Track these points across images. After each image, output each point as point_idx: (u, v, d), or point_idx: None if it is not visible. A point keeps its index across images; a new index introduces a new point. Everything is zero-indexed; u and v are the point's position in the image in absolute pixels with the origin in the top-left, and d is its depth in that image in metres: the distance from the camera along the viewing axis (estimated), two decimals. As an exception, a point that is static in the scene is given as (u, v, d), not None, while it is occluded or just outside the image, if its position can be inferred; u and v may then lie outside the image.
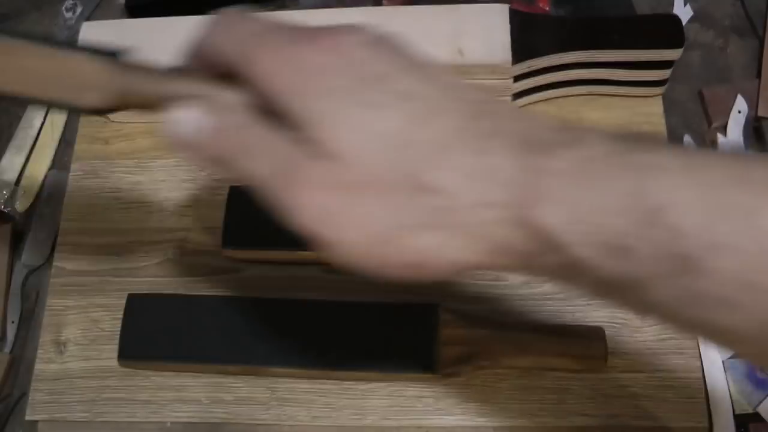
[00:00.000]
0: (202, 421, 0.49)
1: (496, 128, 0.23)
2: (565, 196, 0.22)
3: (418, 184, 0.23)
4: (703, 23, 0.60)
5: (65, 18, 0.65)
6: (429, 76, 0.25)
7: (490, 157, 0.23)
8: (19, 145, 0.60)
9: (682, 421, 0.46)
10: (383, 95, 0.24)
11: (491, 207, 0.23)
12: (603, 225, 0.21)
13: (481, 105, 0.24)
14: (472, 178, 0.23)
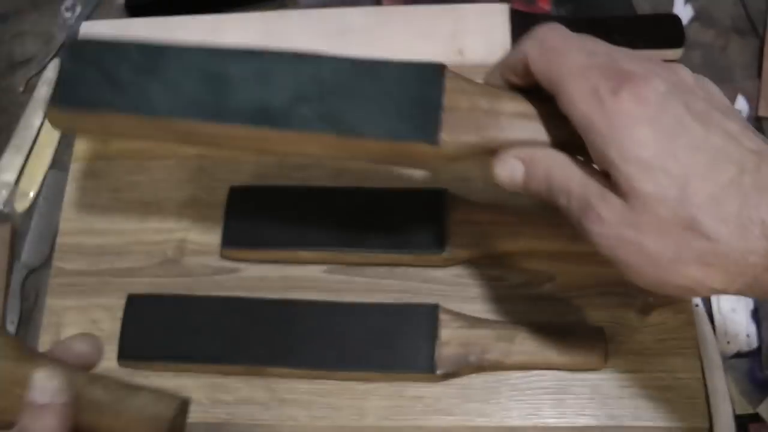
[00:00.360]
0: (202, 421, 0.49)
1: (763, 183, 0.28)
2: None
3: (696, 230, 0.29)
4: (704, 23, 0.60)
5: (65, 18, 0.65)
6: (718, 125, 0.30)
7: (756, 211, 0.28)
8: (18, 145, 0.60)
9: (682, 421, 0.46)
10: (680, 149, 0.29)
11: (753, 254, 0.28)
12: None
13: (756, 157, 0.29)
14: (740, 229, 0.28)
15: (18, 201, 0.58)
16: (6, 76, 0.64)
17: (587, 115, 0.31)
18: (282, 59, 0.38)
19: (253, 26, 0.53)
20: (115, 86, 0.38)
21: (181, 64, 0.38)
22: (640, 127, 0.29)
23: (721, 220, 0.28)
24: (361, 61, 0.38)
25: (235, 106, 0.37)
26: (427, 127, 0.36)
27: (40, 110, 0.61)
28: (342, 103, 0.37)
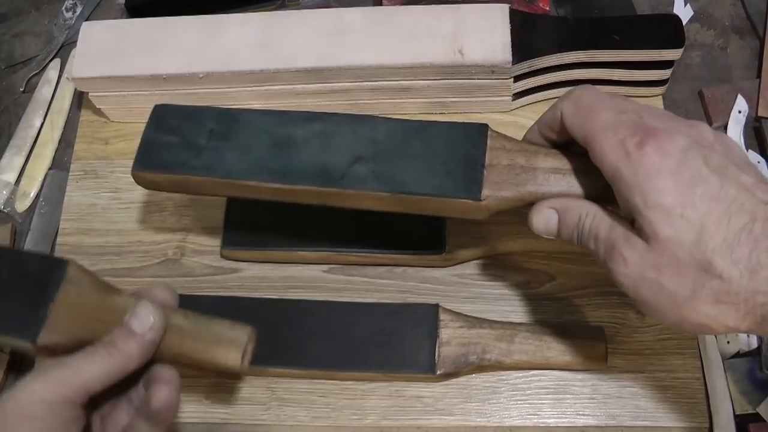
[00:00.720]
0: (201, 421, 0.49)
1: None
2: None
3: (711, 271, 0.32)
4: (704, 23, 0.60)
5: (65, 18, 0.65)
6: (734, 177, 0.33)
7: (765, 255, 0.31)
8: (19, 145, 0.60)
9: (682, 421, 0.46)
10: (698, 198, 0.32)
11: (761, 294, 0.31)
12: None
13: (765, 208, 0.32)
14: (750, 271, 0.31)
15: (18, 201, 0.58)
16: (6, 76, 0.64)
17: (615, 165, 0.34)
18: (341, 122, 0.42)
19: (253, 26, 0.53)
20: (192, 150, 0.43)
21: (251, 129, 0.43)
22: (662, 177, 0.33)
23: (733, 263, 0.31)
24: (411, 123, 0.42)
25: (299, 168, 0.41)
26: (471, 185, 0.39)
27: (40, 110, 0.61)
28: (394, 162, 0.40)
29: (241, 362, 0.39)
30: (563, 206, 0.38)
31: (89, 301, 0.38)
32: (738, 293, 0.31)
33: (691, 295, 0.32)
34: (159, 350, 0.38)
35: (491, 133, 0.41)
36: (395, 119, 0.42)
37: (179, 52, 0.52)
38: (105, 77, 0.53)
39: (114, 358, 0.36)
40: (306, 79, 0.53)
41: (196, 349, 0.39)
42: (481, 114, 0.56)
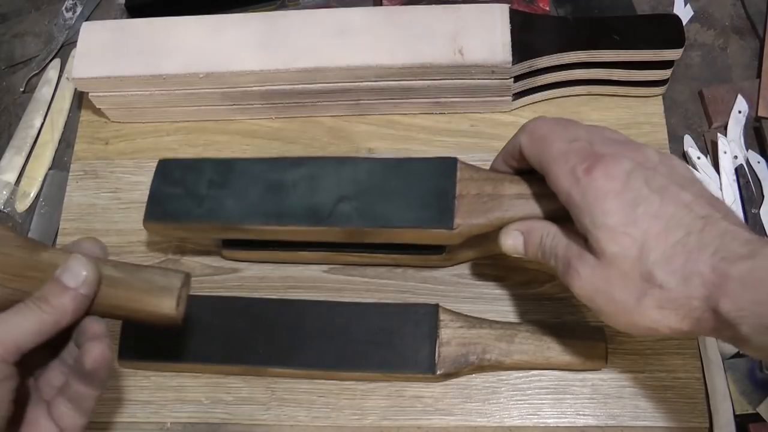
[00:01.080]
0: (202, 421, 0.49)
1: (705, 243, 0.35)
2: (738, 296, 0.33)
3: (652, 281, 0.35)
4: (704, 23, 0.60)
5: (65, 18, 0.65)
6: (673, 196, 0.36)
7: (698, 265, 0.34)
8: (19, 145, 0.60)
9: (682, 421, 0.46)
10: (639, 217, 0.36)
11: (696, 299, 0.34)
12: (757, 313, 0.32)
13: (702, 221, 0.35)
14: (686, 280, 0.34)
15: (18, 201, 0.58)
16: (6, 76, 0.64)
17: (567, 190, 0.38)
18: (325, 164, 0.47)
19: (253, 26, 0.53)
20: (195, 200, 0.46)
21: (246, 177, 0.47)
22: (608, 199, 0.36)
23: (671, 273, 0.35)
24: (388, 161, 0.46)
25: (290, 210, 0.45)
26: (444, 215, 0.44)
27: (40, 110, 0.61)
28: (375, 199, 0.45)
29: (176, 308, 0.38)
30: (527, 228, 0.42)
31: (14, 258, 0.37)
32: (676, 299, 0.35)
33: (637, 302, 0.36)
34: (92, 303, 0.37)
35: (460, 165, 0.45)
36: (374, 159, 0.47)
37: (179, 52, 0.52)
38: (105, 77, 0.53)
39: (46, 314, 0.35)
40: (306, 79, 0.53)
41: (129, 299, 0.38)
42: (481, 114, 0.56)
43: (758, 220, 0.51)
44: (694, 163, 0.53)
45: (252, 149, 0.56)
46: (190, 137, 0.57)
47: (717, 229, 0.35)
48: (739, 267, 0.33)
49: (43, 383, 0.38)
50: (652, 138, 0.54)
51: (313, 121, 0.57)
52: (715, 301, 0.34)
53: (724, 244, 0.34)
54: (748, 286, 0.33)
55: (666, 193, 0.36)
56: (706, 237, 0.35)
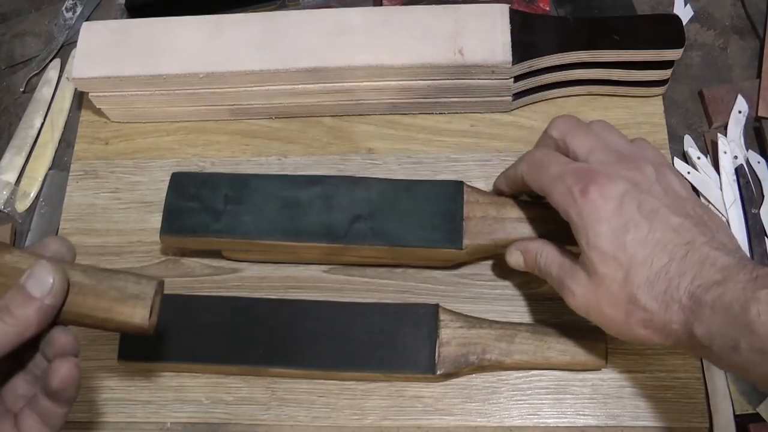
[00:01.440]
0: (201, 421, 0.49)
1: (684, 270, 0.37)
2: (709, 320, 0.36)
3: (636, 303, 0.38)
4: (704, 23, 0.60)
5: (65, 18, 0.65)
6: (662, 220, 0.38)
7: (678, 292, 0.37)
8: (19, 145, 0.60)
9: (682, 421, 0.46)
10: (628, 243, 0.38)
11: (675, 323, 0.37)
12: (725, 335, 0.35)
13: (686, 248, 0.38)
14: (666, 305, 0.37)
15: (18, 201, 0.58)
16: (6, 76, 0.64)
17: (566, 210, 0.40)
18: (339, 183, 0.49)
19: (253, 26, 0.53)
20: (213, 215, 0.48)
21: (262, 193, 0.49)
22: (601, 223, 0.39)
23: (653, 298, 0.38)
24: (399, 182, 0.49)
25: (307, 227, 0.48)
26: (453, 236, 0.47)
27: (40, 110, 0.61)
28: (388, 219, 0.48)
29: (148, 318, 0.36)
30: (524, 248, 0.45)
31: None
32: (658, 322, 0.38)
33: (625, 320, 0.39)
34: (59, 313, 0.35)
35: (467, 188, 0.48)
36: (386, 180, 0.49)
37: (179, 52, 0.52)
38: (105, 77, 0.53)
39: (8, 325, 0.33)
40: (306, 79, 0.53)
41: (98, 308, 0.35)
42: (481, 114, 0.56)
43: (758, 220, 0.51)
44: (694, 163, 0.53)
45: (252, 149, 0.56)
46: (190, 137, 0.57)
47: (697, 256, 0.37)
48: (711, 293, 0.36)
49: (8, 394, 0.36)
50: (652, 138, 0.53)
51: (313, 121, 0.57)
52: (690, 326, 0.36)
53: (702, 271, 0.37)
54: (718, 311, 0.35)
55: (656, 218, 0.39)
56: (687, 264, 0.37)
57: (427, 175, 0.54)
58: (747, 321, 0.34)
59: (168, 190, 0.49)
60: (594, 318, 0.41)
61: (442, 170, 0.54)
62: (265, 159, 0.56)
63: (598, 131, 0.44)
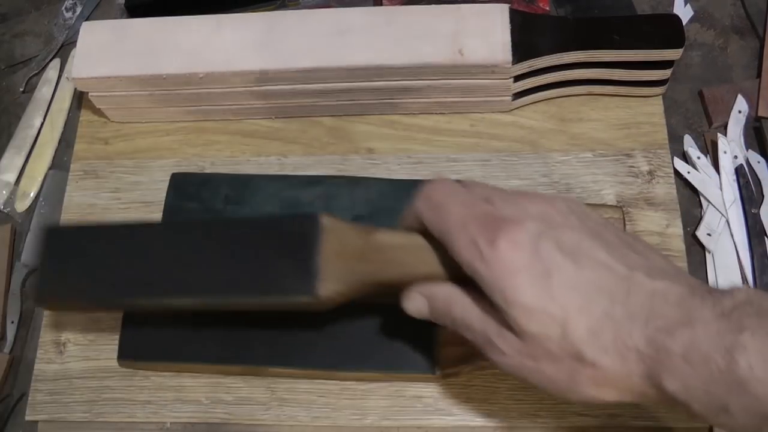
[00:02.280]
0: (201, 421, 0.49)
1: (633, 312, 0.31)
2: (684, 374, 0.30)
3: (582, 359, 0.32)
4: (704, 23, 0.60)
5: (65, 18, 0.65)
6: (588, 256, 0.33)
7: (630, 339, 0.31)
8: (19, 145, 0.60)
9: (682, 421, 0.46)
10: (555, 290, 0.32)
11: (634, 376, 0.31)
12: (709, 392, 0.29)
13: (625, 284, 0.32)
14: (621, 357, 0.31)
15: (18, 201, 0.58)
16: (6, 76, 0.64)
17: (470, 264, 0.34)
18: (340, 184, 0.48)
19: (253, 26, 0.53)
20: (212, 214, 0.48)
21: (262, 193, 0.48)
22: (518, 274, 0.33)
23: (601, 350, 0.32)
24: (399, 182, 0.49)
25: None
26: None
27: (40, 110, 0.61)
28: (389, 219, 0.43)
29: None
30: (430, 294, 0.38)
31: (352, 245, 0.38)
32: (613, 377, 0.32)
33: (571, 380, 0.33)
34: None
35: None
36: (385, 180, 0.49)
37: (179, 52, 0.52)
38: (105, 77, 0.53)
39: None
40: (306, 79, 0.53)
41: None
42: (481, 114, 0.56)
43: (758, 220, 0.51)
44: (694, 162, 0.53)
45: (252, 149, 0.56)
46: (190, 137, 0.57)
47: (643, 292, 0.32)
48: (678, 340, 0.30)
49: None
50: (652, 138, 0.54)
51: (313, 121, 0.57)
52: (657, 379, 0.31)
53: (655, 310, 0.31)
54: (695, 364, 0.29)
55: (580, 255, 0.33)
56: (633, 304, 0.32)
57: (427, 175, 0.54)
58: (737, 378, 0.28)
59: (168, 191, 0.49)
60: (531, 379, 0.34)
61: (442, 170, 0.54)
62: (265, 159, 0.56)
63: (491, 185, 0.38)
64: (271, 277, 0.38)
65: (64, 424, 0.50)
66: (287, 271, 0.38)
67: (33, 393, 0.50)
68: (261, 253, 0.39)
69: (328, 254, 0.38)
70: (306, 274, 0.37)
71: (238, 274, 0.39)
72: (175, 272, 0.40)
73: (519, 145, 0.54)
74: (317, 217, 0.38)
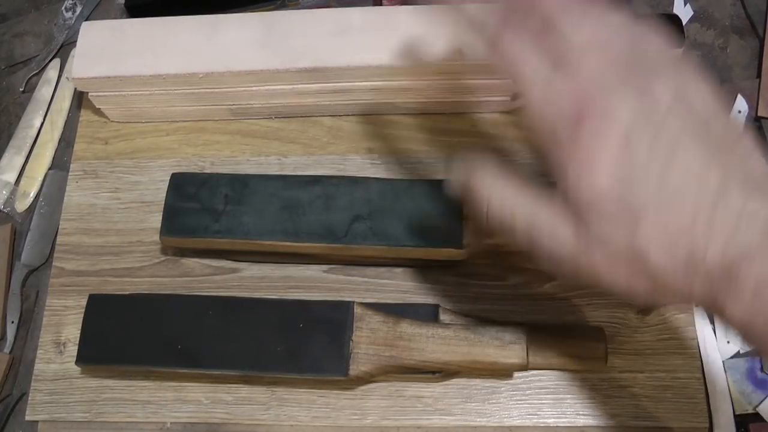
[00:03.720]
0: (201, 421, 0.49)
1: (714, 228, 0.28)
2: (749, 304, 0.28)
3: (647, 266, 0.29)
4: (703, 23, 0.60)
5: (65, 18, 0.65)
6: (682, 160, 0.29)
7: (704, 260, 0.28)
8: (19, 145, 0.60)
9: (682, 421, 0.46)
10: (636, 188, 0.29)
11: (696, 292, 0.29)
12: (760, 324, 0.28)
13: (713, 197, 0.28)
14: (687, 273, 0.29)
15: (18, 201, 0.58)
16: (6, 76, 0.64)
17: (548, 144, 0.31)
18: (339, 183, 0.49)
19: (253, 26, 0.53)
20: (212, 215, 0.48)
21: (261, 193, 0.49)
22: (600, 159, 0.29)
23: (671, 264, 0.29)
24: (398, 183, 0.49)
25: (308, 227, 0.48)
26: (453, 236, 0.46)
27: (40, 110, 0.61)
28: (388, 219, 0.48)
29: None
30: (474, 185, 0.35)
31: (379, 331, 0.45)
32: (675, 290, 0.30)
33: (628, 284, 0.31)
34: None
35: None
36: (385, 180, 0.49)
37: (179, 52, 0.52)
38: (105, 77, 0.53)
39: None
40: (306, 79, 0.53)
41: None
42: (481, 114, 0.56)
43: (758, 220, 0.51)
44: (694, 163, 0.53)
45: (251, 149, 0.56)
46: (190, 137, 0.57)
47: (731, 209, 0.28)
48: (754, 268, 0.27)
49: None
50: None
51: (313, 121, 0.57)
52: (721, 303, 0.29)
53: (738, 231, 0.28)
54: (764, 297, 0.27)
55: (674, 158, 0.29)
56: (717, 221, 0.28)
57: (427, 175, 0.54)
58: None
59: (167, 191, 0.50)
60: (585, 279, 0.32)
61: (442, 170, 0.54)
62: (264, 159, 0.56)
63: (600, 18, 0.32)
64: (308, 357, 0.45)
65: (64, 424, 0.50)
66: (323, 353, 0.45)
67: (33, 393, 0.50)
68: (299, 335, 0.46)
69: (359, 340, 0.45)
70: (340, 357, 0.45)
71: (276, 352, 0.45)
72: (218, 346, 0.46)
73: (519, 145, 0.54)
74: (351, 305, 0.46)
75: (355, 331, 0.46)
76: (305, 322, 0.46)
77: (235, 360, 0.46)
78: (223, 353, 0.46)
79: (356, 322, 0.46)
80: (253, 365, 0.46)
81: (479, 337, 0.45)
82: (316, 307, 0.47)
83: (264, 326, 0.46)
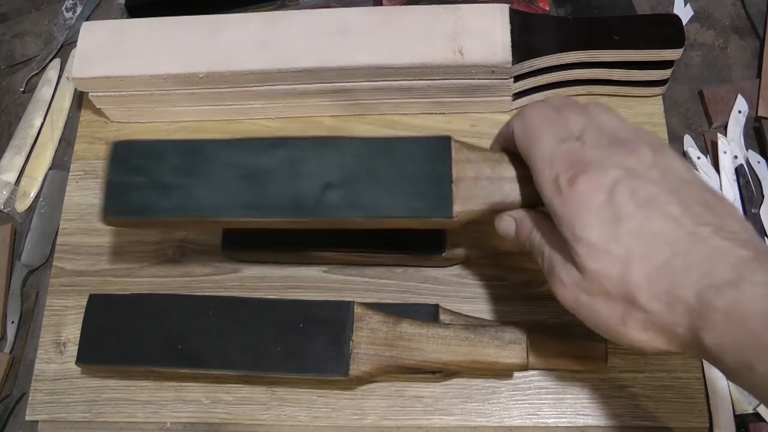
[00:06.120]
0: (202, 421, 0.49)
1: (691, 265, 0.32)
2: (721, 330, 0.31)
3: (634, 302, 0.34)
4: (703, 23, 0.60)
5: (65, 18, 0.65)
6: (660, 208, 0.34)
7: (682, 291, 0.32)
8: (19, 145, 0.60)
9: (682, 421, 0.46)
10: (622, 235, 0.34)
11: (679, 326, 0.33)
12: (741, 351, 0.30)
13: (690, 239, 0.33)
14: (669, 306, 0.33)
15: (18, 201, 0.58)
16: (6, 76, 0.64)
17: (549, 198, 0.36)
18: (306, 147, 0.41)
19: (253, 26, 0.53)
20: (160, 190, 0.41)
21: (217, 162, 0.41)
22: (589, 213, 0.34)
23: (655, 298, 0.33)
24: (376, 142, 0.42)
25: (271, 200, 0.41)
26: (442, 203, 0.40)
27: (40, 110, 0.61)
28: (365, 186, 0.40)
29: None
30: (520, 218, 0.41)
31: (379, 332, 0.45)
32: (660, 324, 0.33)
33: (621, 321, 0.35)
34: None
35: (455, 144, 0.41)
36: (360, 138, 0.42)
37: (179, 52, 0.52)
38: (105, 77, 0.53)
39: None
40: (306, 79, 0.53)
41: None
42: (481, 114, 0.56)
43: (758, 220, 0.51)
44: (694, 162, 0.53)
45: (252, 149, 0.56)
46: (190, 137, 0.57)
47: (705, 248, 0.32)
48: (723, 297, 0.31)
49: None
50: (652, 138, 0.54)
51: (313, 121, 0.57)
52: (698, 332, 0.32)
53: (712, 267, 0.32)
54: (731, 321, 0.31)
55: (652, 207, 0.34)
56: (693, 258, 0.32)
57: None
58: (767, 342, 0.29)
59: (110, 164, 0.42)
60: (583, 314, 0.36)
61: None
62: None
63: (593, 112, 0.39)
64: (308, 357, 0.45)
65: (64, 424, 0.50)
66: (323, 353, 0.45)
67: (33, 393, 0.50)
68: (299, 335, 0.45)
69: (359, 340, 0.45)
70: (340, 357, 0.44)
71: (276, 352, 0.45)
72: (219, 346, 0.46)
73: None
74: (351, 306, 0.46)
75: (355, 331, 0.45)
76: (305, 322, 0.46)
77: (235, 360, 0.46)
78: (223, 353, 0.46)
79: (356, 322, 0.46)
80: (253, 365, 0.46)
81: (479, 337, 0.45)
82: (316, 307, 0.47)
83: (264, 326, 0.46)
